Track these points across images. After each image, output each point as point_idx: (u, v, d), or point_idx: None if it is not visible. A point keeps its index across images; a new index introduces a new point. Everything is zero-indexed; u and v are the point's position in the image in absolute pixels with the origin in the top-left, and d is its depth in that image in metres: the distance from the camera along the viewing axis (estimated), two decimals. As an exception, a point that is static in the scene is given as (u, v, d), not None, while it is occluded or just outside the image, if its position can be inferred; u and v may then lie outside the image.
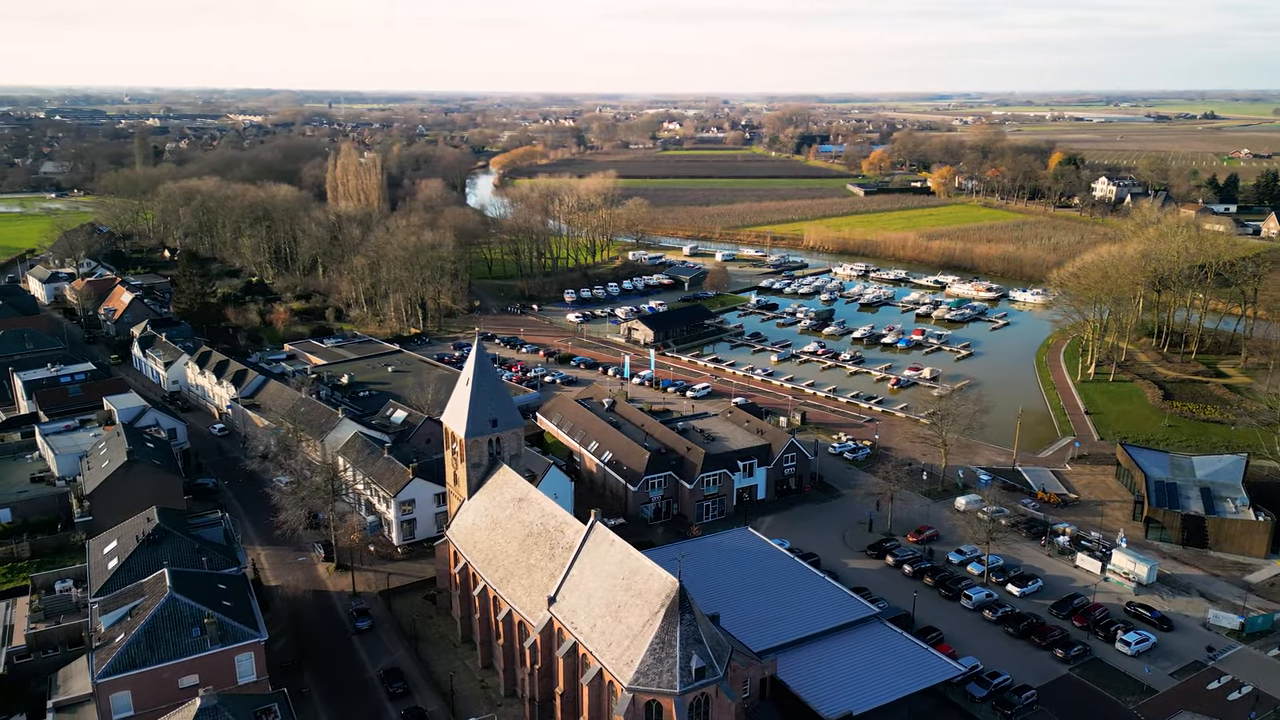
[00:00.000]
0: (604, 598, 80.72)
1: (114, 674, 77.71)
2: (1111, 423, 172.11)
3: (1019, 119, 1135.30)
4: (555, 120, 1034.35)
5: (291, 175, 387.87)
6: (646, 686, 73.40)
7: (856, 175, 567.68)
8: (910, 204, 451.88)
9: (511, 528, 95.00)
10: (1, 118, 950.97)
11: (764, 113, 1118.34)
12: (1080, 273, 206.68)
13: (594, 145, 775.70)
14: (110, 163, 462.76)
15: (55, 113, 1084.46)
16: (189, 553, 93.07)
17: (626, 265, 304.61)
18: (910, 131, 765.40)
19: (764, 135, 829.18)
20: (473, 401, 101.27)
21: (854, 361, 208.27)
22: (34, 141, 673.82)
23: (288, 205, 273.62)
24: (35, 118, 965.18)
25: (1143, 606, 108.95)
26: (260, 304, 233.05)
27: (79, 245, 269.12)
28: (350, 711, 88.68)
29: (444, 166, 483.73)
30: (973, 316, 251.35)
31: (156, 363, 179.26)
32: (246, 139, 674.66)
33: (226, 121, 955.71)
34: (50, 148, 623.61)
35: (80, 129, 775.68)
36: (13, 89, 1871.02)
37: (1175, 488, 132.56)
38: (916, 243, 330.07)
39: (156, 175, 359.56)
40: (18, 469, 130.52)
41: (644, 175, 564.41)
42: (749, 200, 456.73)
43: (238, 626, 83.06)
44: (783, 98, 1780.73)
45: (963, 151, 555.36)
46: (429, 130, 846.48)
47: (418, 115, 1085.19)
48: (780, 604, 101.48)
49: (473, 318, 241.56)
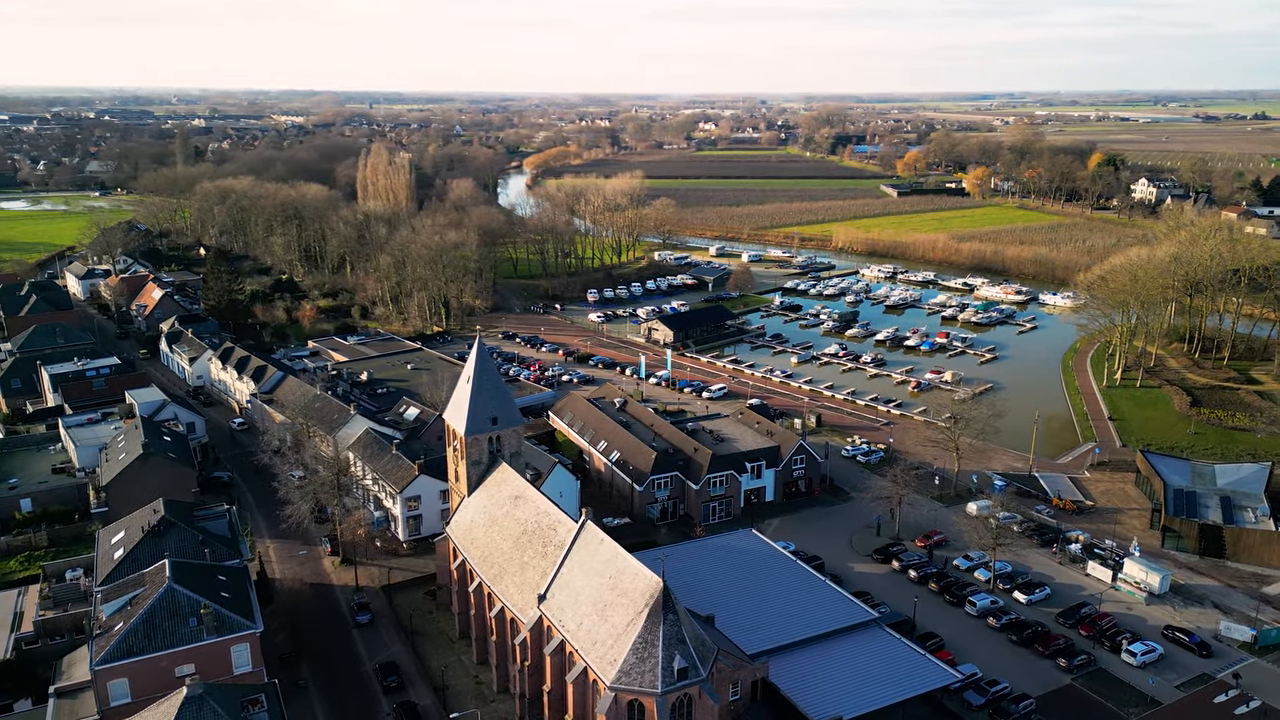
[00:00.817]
0: (591, 596, 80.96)
1: (111, 661, 79.41)
2: (1135, 429, 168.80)
3: (1062, 119, 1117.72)
4: (591, 121, 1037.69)
5: (327, 175, 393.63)
6: (629, 686, 73.49)
7: (891, 176, 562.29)
8: (944, 205, 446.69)
9: (507, 525, 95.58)
10: (53, 118, 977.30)
11: (801, 113, 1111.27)
12: (1108, 276, 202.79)
13: (628, 146, 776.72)
14: (153, 162, 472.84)
15: (105, 113, 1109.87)
16: (192, 544, 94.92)
17: (652, 265, 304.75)
18: (948, 132, 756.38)
19: (799, 136, 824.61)
20: (473, 399, 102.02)
21: (875, 364, 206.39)
22: (81, 141, 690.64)
23: (317, 204, 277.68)
24: (85, 118, 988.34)
25: (1181, 630, 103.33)
26: (288, 301, 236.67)
27: (115, 243, 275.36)
28: (345, 703, 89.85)
29: (476, 167, 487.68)
30: (1000, 320, 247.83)
31: (182, 358, 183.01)
32: (286, 139, 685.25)
33: (269, 122, 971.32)
34: (97, 147, 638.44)
35: (127, 129, 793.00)
36: (66, 89, 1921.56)
37: (1194, 496, 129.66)
38: (946, 244, 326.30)
39: (194, 174, 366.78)
40: (40, 460, 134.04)
41: (675, 175, 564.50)
42: (779, 201, 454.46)
43: (234, 618, 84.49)
44: (821, 98, 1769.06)
45: (1000, 152, 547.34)
46: (466, 130, 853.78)
47: (456, 116, 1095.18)
48: (778, 606, 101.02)
49: (495, 316, 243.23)
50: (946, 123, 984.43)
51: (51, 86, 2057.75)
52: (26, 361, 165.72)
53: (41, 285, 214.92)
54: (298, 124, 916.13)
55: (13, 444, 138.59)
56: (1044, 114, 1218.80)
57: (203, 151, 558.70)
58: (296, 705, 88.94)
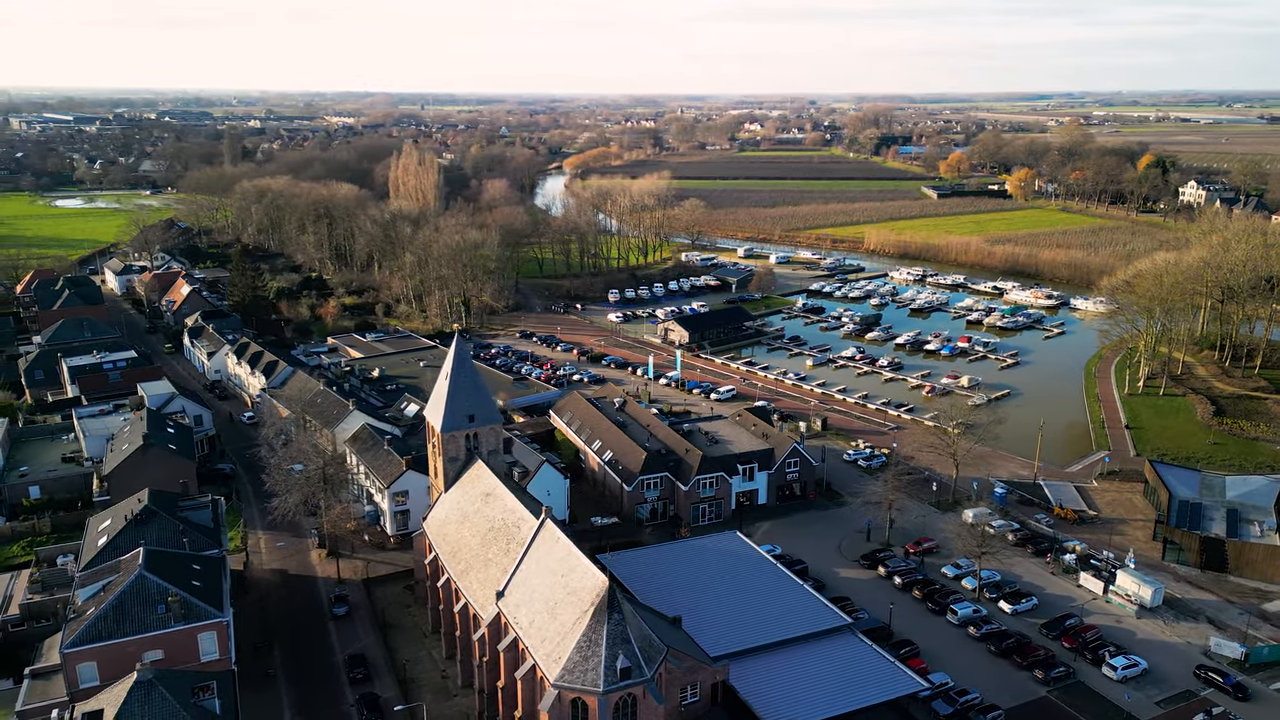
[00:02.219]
0: (544, 594, 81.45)
1: (80, 645, 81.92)
2: (1152, 438, 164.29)
3: (1120, 119, 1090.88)
4: (636, 121, 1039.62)
5: (366, 175, 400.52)
6: (572, 684, 73.79)
7: (934, 178, 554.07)
8: (984, 207, 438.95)
9: (477, 522, 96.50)
10: (115, 118, 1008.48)
11: (849, 113, 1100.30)
12: (1134, 280, 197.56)
13: (671, 146, 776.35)
14: (202, 162, 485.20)
15: (166, 114, 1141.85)
16: (173, 533, 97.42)
17: (677, 266, 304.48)
18: (997, 132, 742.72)
19: (844, 136, 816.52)
20: (450, 397, 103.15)
21: (891, 368, 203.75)
22: (139, 141, 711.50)
23: (347, 203, 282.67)
24: (146, 119, 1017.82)
25: (1215, 671, 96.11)
26: (312, 298, 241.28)
27: (154, 240, 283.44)
28: (311, 693, 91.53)
29: (514, 167, 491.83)
30: (1027, 324, 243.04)
31: (201, 352, 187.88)
32: (335, 140, 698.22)
33: (320, 123, 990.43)
34: (153, 148, 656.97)
35: (184, 130, 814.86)
36: (132, 91, 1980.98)
37: (1199, 508, 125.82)
38: (979, 247, 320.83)
39: (235, 174, 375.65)
40: (52, 449, 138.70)
41: (713, 176, 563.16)
42: (815, 202, 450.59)
43: (202, 606, 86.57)
44: (872, 98, 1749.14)
45: (1047, 153, 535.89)
46: (511, 131, 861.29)
47: (503, 117, 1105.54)
48: (752, 609, 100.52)
49: (516, 315, 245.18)
50: (999, 123, 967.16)
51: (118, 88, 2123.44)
52: (50, 354, 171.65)
53: (76, 280, 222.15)
54: (348, 124, 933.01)
55: (29, 433, 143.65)
56: (1102, 114, 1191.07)
57: (251, 152, 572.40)
58: (265, 694, 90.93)
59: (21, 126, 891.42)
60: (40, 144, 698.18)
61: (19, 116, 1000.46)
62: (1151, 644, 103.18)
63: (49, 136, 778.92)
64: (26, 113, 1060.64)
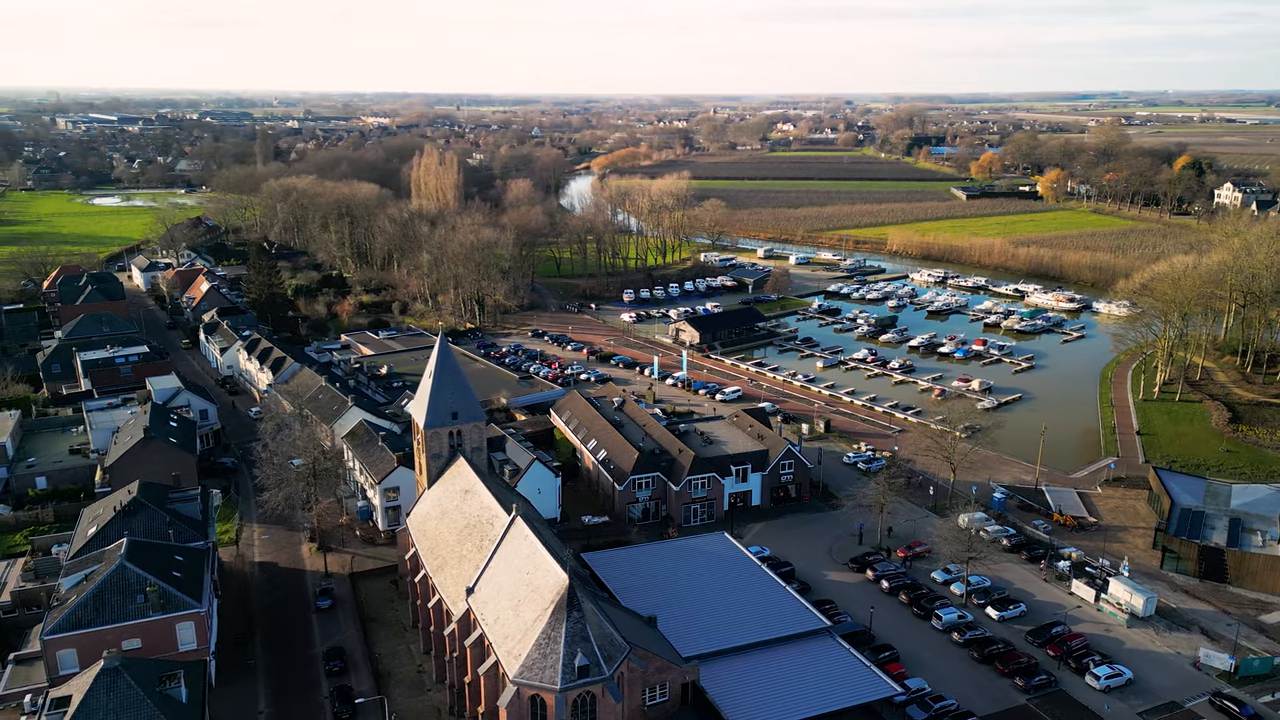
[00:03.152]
0: (510, 591, 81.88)
1: (60, 632, 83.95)
2: (1164, 445, 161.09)
3: (1163, 119, 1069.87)
4: (669, 122, 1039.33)
5: (394, 174, 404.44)
6: (530, 681, 74.08)
7: (965, 178, 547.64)
8: (1013, 209, 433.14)
9: (455, 518, 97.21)
10: (157, 119, 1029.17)
11: (884, 113, 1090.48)
12: (1151, 284, 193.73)
13: (702, 147, 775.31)
14: (236, 161, 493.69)
15: (207, 114, 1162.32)
16: (160, 525, 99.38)
17: (696, 266, 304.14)
18: (1033, 133, 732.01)
19: (877, 137, 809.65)
20: (433, 394, 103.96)
21: (902, 370, 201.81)
22: (178, 141, 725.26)
23: (367, 203, 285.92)
24: (188, 119, 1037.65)
25: (1231, 700, 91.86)
26: (330, 296, 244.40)
27: (180, 238, 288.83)
28: (286, 685, 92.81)
29: (540, 167, 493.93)
30: (1046, 328, 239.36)
31: (215, 348, 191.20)
32: (369, 140, 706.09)
33: (356, 123, 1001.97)
34: (190, 147, 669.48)
35: (222, 130, 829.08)
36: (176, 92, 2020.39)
37: (1200, 516, 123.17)
38: (1003, 249, 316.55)
39: (264, 173, 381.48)
40: (61, 441, 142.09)
41: (742, 176, 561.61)
42: (841, 203, 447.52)
43: (180, 596, 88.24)
44: (910, 98, 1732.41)
45: (1080, 154, 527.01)
46: (543, 132, 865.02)
47: (537, 117, 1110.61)
48: (731, 610, 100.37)
49: (530, 314, 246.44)
50: (1036, 123, 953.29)
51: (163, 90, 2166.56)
52: (66, 348, 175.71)
53: (99, 277, 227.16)
54: (383, 125, 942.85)
55: (40, 425, 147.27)
56: (1145, 115, 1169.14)
57: (285, 151, 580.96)
58: (242, 683, 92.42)
59: (67, 126, 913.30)
60: (83, 143, 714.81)
61: (65, 117, 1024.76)
62: (1139, 654, 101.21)
63: (92, 136, 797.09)
64: (73, 113, 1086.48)
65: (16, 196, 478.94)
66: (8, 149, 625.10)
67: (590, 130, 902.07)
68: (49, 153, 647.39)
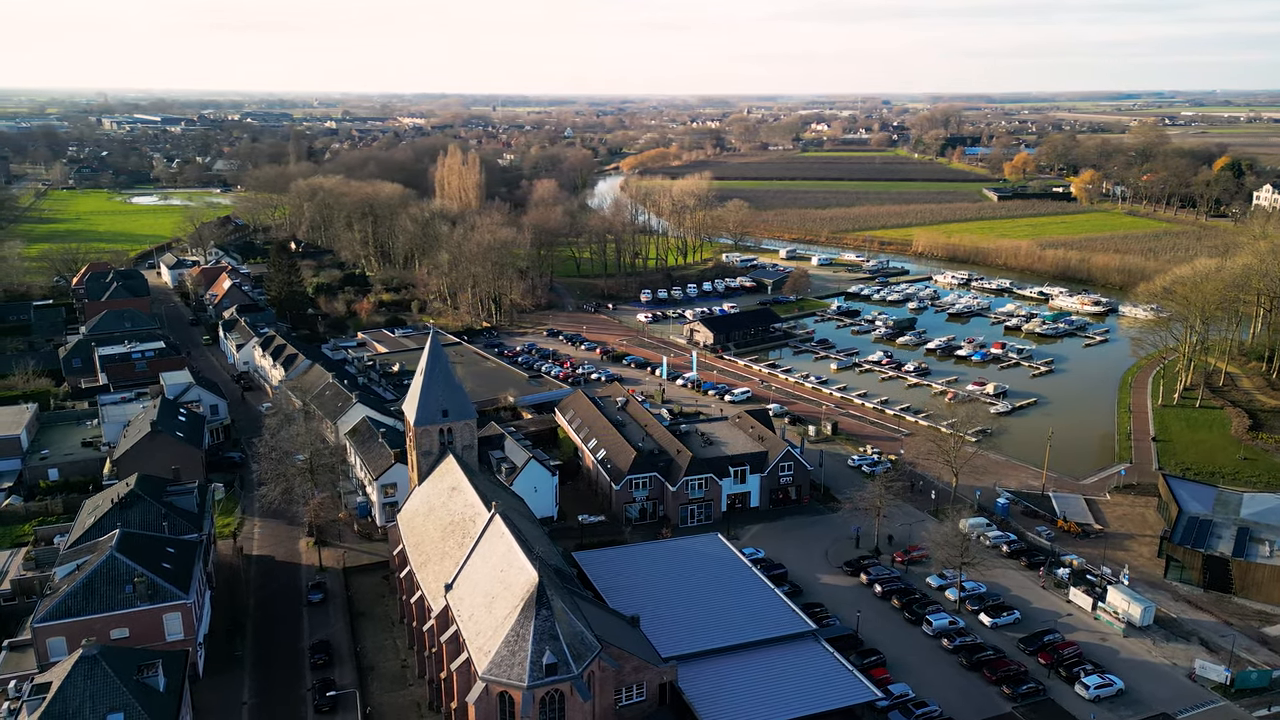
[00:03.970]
0: (485, 588, 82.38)
1: (50, 620, 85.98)
2: (1179, 452, 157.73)
3: (1208, 120, 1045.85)
4: (702, 122, 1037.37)
5: (422, 174, 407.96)
6: (498, 677, 74.50)
7: (998, 179, 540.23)
8: (1044, 210, 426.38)
9: (441, 515, 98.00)
10: (199, 119, 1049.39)
11: (921, 113, 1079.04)
12: (1173, 287, 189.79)
13: (733, 147, 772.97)
14: (271, 161, 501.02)
15: (249, 115, 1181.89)
16: (155, 517, 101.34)
17: (717, 267, 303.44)
18: (1072, 133, 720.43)
19: (911, 137, 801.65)
20: (424, 391, 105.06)
21: (917, 373, 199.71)
22: (217, 141, 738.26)
23: (389, 202, 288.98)
24: (230, 120, 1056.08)
25: None
26: (350, 294, 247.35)
27: (209, 236, 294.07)
28: (271, 676, 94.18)
29: (568, 167, 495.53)
30: (1068, 331, 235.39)
31: (232, 345, 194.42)
32: (403, 140, 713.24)
33: (392, 124, 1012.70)
34: (229, 148, 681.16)
35: (261, 131, 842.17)
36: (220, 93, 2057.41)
37: (1207, 525, 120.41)
38: (1029, 250, 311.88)
39: (294, 173, 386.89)
40: (75, 434, 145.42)
41: (771, 176, 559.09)
42: (869, 204, 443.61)
43: (168, 588, 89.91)
44: (949, 97, 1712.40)
45: (1116, 154, 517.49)
46: (575, 132, 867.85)
47: (571, 118, 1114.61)
48: (718, 612, 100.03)
49: (547, 314, 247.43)
50: (1077, 123, 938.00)
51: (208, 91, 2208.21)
52: (86, 343, 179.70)
53: (125, 274, 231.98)
54: (418, 125, 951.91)
55: (57, 418, 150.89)
56: (1190, 115, 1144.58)
57: (320, 151, 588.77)
58: (228, 674, 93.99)
59: (112, 127, 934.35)
60: (124, 144, 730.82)
61: (111, 117, 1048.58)
62: (1134, 664, 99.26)
63: (135, 136, 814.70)
64: (119, 114, 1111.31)
65: (58, 195, 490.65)
66: (52, 148, 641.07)
67: (622, 131, 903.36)
68: (91, 152, 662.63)
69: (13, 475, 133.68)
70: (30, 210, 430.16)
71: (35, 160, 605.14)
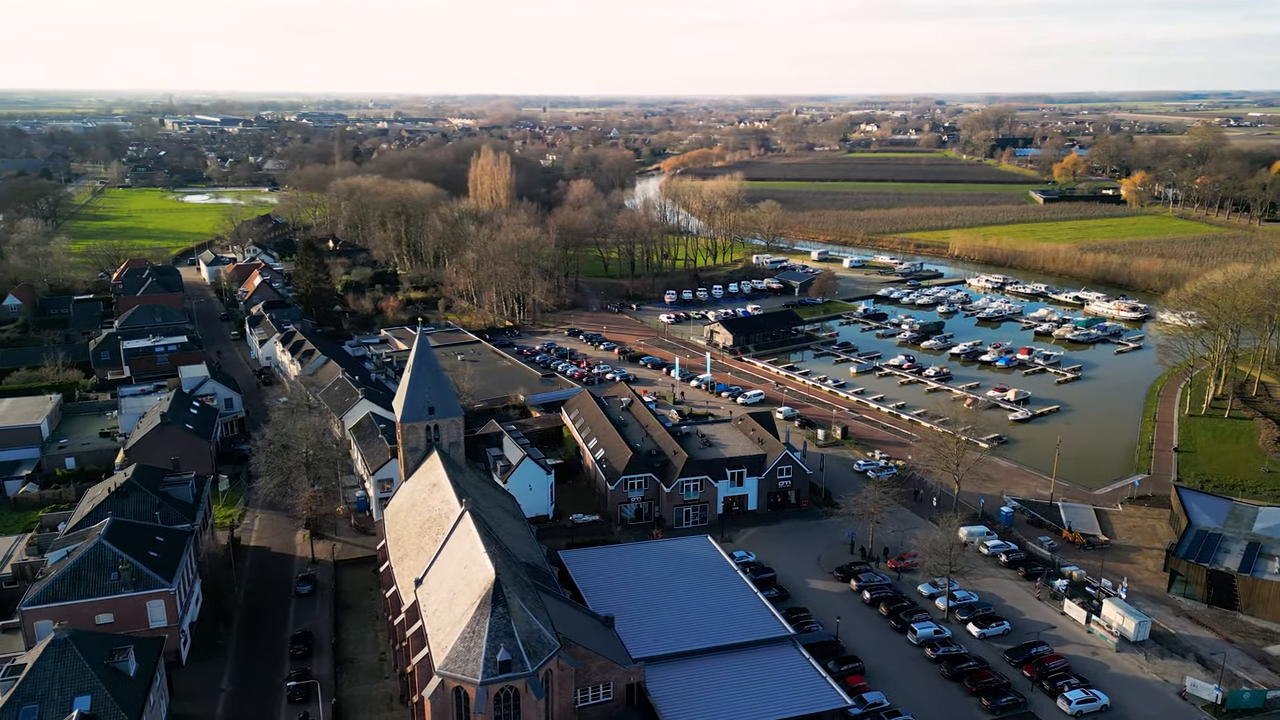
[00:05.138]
0: (449, 585, 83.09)
1: (37, 604, 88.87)
2: (1202, 464, 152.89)
3: (1276, 121, 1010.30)
4: (750, 123, 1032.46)
5: (461, 174, 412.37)
6: (453, 673, 75.10)
7: (1046, 181, 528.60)
8: (1091, 213, 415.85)
9: (421, 511, 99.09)
10: (257, 120, 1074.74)
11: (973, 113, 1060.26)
12: (1202, 292, 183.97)
13: (778, 148, 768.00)
14: (318, 161, 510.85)
15: (305, 116, 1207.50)
16: (149, 506, 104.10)
17: (747, 268, 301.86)
18: (1128, 133, 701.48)
19: (960, 138, 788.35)
20: (410, 388, 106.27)
21: (939, 378, 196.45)
22: (271, 141, 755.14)
23: (421, 201, 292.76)
24: (286, 121, 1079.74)
25: None
26: (377, 292, 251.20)
27: (246, 234, 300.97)
28: (252, 665, 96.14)
29: (605, 168, 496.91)
30: (1101, 338, 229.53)
31: (255, 340, 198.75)
32: (450, 140, 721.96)
33: (442, 125, 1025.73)
34: (282, 147, 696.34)
35: (314, 131, 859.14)
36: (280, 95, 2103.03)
37: (1215, 539, 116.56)
38: (1068, 254, 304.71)
39: (335, 172, 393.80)
40: (95, 424, 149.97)
41: (812, 178, 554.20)
42: (910, 205, 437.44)
43: (152, 575, 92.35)
44: (1006, 97, 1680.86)
45: (1170, 156, 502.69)
46: (621, 133, 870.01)
47: (618, 119, 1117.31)
48: (696, 614, 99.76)
49: (570, 314, 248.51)
50: (1137, 124, 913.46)
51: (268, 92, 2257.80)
52: (114, 336, 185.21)
53: (161, 270, 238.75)
54: (467, 126, 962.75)
55: (79, 409, 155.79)
56: (1257, 115, 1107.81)
57: (369, 152, 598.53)
58: (211, 662, 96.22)
59: (173, 127, 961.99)
60: (182, 143, 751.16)
61: (173, 118, 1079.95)
62: (1122, 679, 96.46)
63: (194, 136, 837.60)
64: (181, 115, 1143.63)
65: (114, 193, 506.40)
66: (112, 148, 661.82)
67: (668, 131, 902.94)
68: (150, 152, 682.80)
69: (32, 463, 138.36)
70: (86, 208, 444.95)
71: (96, 159, 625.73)
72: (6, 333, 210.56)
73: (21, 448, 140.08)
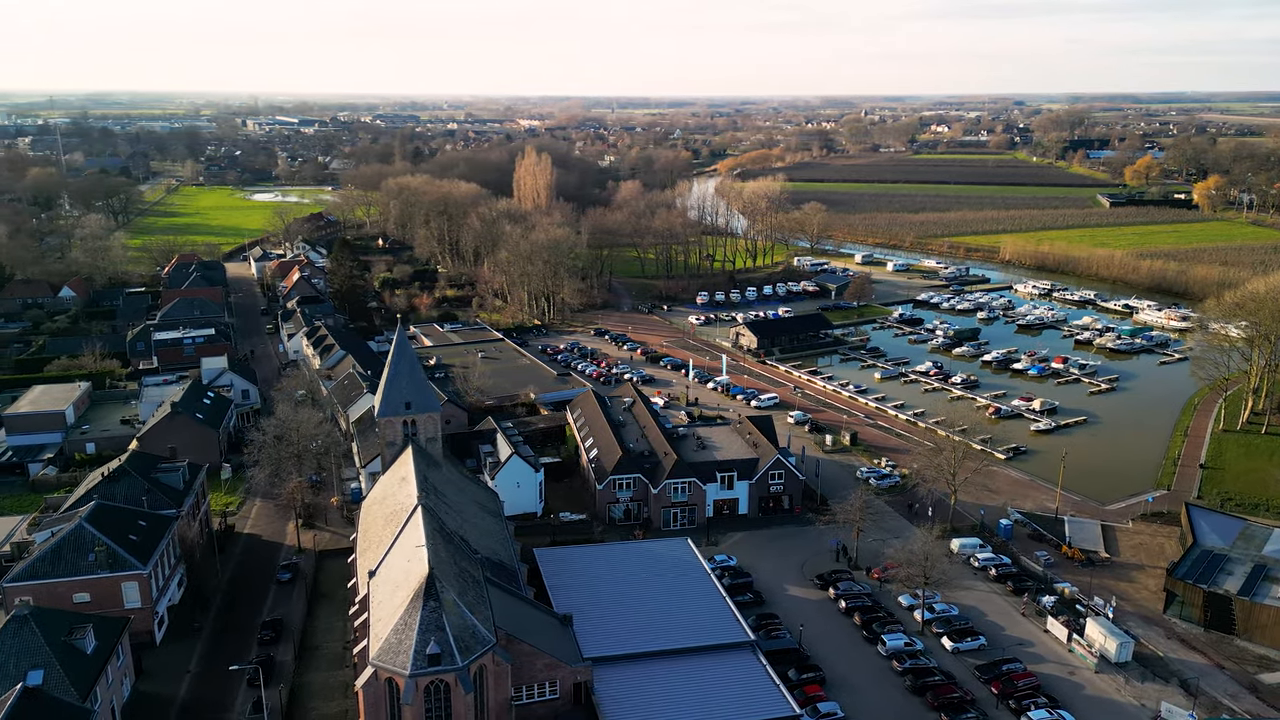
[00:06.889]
0: (394, 577, 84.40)
1: (17, 581, 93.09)
2: (1228, 480, 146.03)
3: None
4: (818, 123, 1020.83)
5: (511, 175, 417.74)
6: (385, 664, 76.21)
7: (1117, 184, 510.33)
8: (1159, 218, 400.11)
9: (388, 504, 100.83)
10: (333, 121, 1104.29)
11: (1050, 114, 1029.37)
12: (1242, 302, 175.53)
13: (842, 149, 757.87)
14: (380, 160, 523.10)
15: (379, 117, 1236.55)
16: (138, 491, 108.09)
17: (786, 270, 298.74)
18: (1212, 135, 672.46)
19: (1033, 139, 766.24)
20: (388, 384, 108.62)
21: (964, 385, 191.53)
22: (340, 141, 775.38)
23: (462, 201, 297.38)
24: (360, 121, 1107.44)
25: None
26: (414, 289, 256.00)
27: (296, 231, 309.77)
28: (221, 648, 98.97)
29: (658, 169, 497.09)
30: (1145, 348, 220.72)
31: (285, 334, 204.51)
32: (515, 141, 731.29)
33: (510, 126, 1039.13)
34: (350, 147, 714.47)
35: (384, 131, 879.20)
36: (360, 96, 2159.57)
37: (1219, 560, 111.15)
38: (1124, 261, 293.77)
39: (388, 171, 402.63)
40: (118, 412, 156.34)
41: (871, 179, 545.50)
42: (967, 208, 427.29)
43: (127, 558, 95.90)
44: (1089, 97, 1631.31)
45: (1249, 159, 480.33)
46: (684, 134, 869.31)
47: (685, 119, 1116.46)
48: (658, 616, 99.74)
49: (599, 313, 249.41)
50: (1226, 125, 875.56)
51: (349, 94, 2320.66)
52: (147, 328, 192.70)
53: (207, 265, 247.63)
54: (533, 127, 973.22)
55: (106, 397, 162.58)
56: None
57: (431, 152, 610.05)
58: (183, 643, 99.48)
59: (254, 128, 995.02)
60: (258, 143, 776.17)
61: (255, 119, 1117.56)
62: (1096, 701, 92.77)
63: (270, 136, 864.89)
64: (263, 115, 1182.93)
65: (187, 190, 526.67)
66: (191, 148, 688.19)
67: (731, 132, 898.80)
68: (226, 151, 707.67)
69: (54, 448, 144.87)
70: (158, 204, 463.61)
71: (175, 158, 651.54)
72: (58, 323, 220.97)
73: (47, 432, 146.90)
